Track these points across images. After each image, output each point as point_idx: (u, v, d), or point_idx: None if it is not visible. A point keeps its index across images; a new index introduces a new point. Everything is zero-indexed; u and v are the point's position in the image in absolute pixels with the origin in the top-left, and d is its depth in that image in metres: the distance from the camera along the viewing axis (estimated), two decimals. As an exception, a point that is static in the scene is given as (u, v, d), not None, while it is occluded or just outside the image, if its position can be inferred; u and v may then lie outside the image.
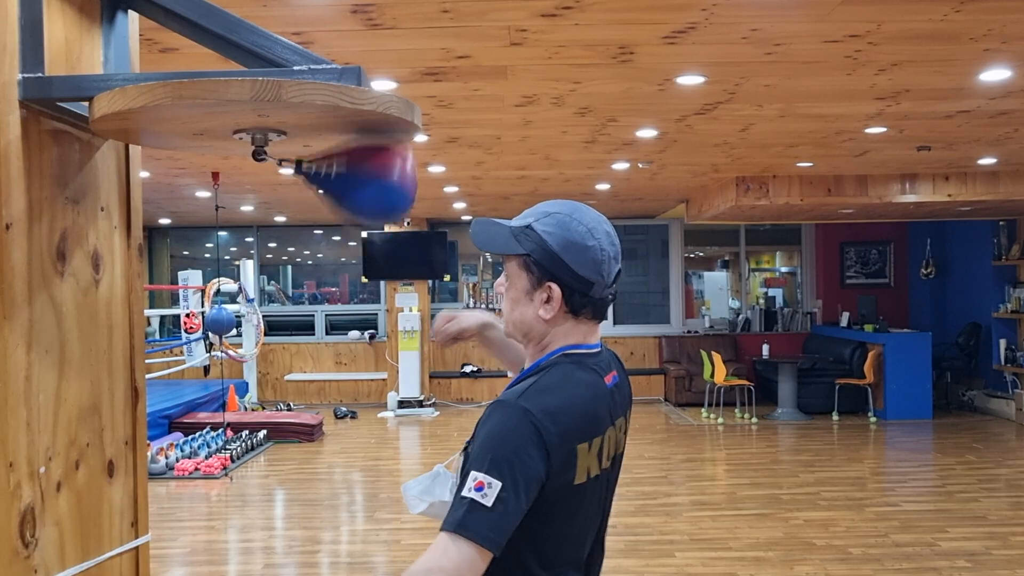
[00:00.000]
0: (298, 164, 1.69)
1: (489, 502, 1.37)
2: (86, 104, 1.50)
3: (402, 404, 11.19)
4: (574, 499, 1.52)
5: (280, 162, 1.68)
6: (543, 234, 1.56)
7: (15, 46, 1.45)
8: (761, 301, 12.91)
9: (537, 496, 1.43)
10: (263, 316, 11.07)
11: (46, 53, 1.50)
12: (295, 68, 1.51)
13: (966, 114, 5.41)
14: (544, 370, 1.55)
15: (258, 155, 1.62)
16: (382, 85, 4.38)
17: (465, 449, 1.57)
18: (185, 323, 9.99)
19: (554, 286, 1.55)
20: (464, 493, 1.39)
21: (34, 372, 1.46)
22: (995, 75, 4.45)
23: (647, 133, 5.95)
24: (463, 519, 1.37)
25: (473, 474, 1.40)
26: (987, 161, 7.37)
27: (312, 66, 1.50)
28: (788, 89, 4.71)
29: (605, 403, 1.58)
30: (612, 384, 1.62)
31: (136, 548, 1.76)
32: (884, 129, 5.84)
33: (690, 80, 4.50)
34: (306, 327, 12.58)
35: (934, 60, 4.18)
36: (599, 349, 1.64)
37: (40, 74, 1.48)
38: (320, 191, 1.70)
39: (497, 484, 1.38)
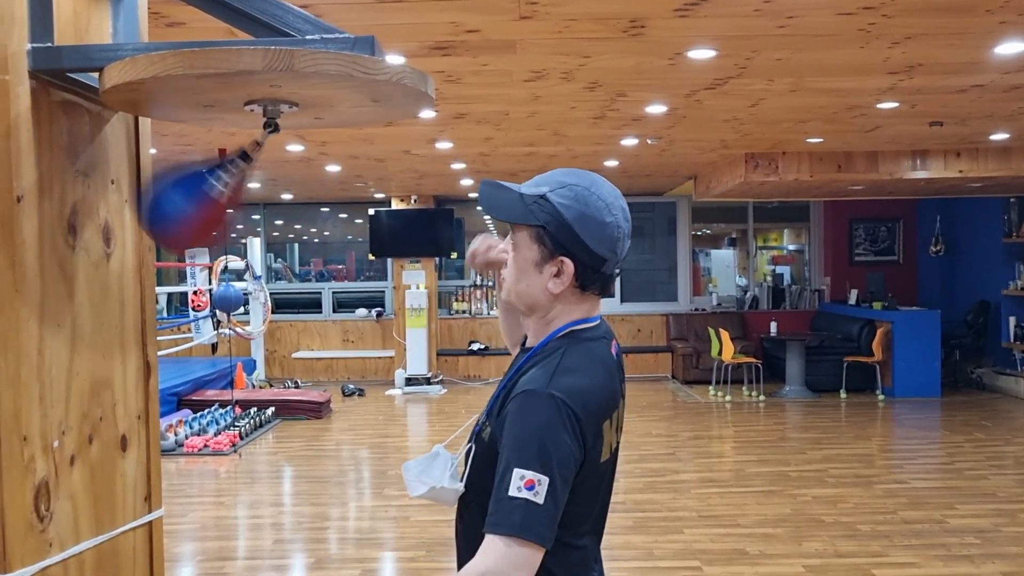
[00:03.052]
0: (246, 156, 1.62)
1: (541, 499, 1.35)
2: (96, 75, 1.48)
3: (409, 381, 11.22)
4: (598, 475, 1.52)
5: (258, 143, 1.61)
6: (559, 206, 1.49)
7: (24, 16, 1.43)
8: (769, 279, 12.87)
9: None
10: (270, 294, 11.08)
11: (55, 23, 1.48)
12: (307, 38, 1.49)
13: (979, 88, 5.35)
14: (558, 350, 1.52)
15: (269, 127, 1.60)
16: (390, 60, 4.34)
17: (477, 435, 1.56)
18: (193, 301, 10.02)
19: (567, 261, 1.50)
20: (514, 493, 1.36)
21: (46, 346, 1.45)
22: (1010, 48, 4.40)
23: (656, 108, 5.91)
24: (522, 521, 1.35)
25: (520, 472, 1.37)
26: (999, 137, 7.30)
27: (324, 36, 1.48)
28: (800, 63, 4.66)
29: (616, 377, 1.58)
30: (616, 355, 1.62)
31: (150, 522, 1.76)
32: (896, 104, 5.79)
33: (701, 54, 4.45)
34: (313, 305, 12.60)
35: (948, 33, 4.13)
36: (599, 321, 1.61)
37: (49, 44, 1.46)
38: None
39: (545, 480, 1.36)
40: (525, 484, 1.36)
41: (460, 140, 7.19)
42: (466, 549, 1.58)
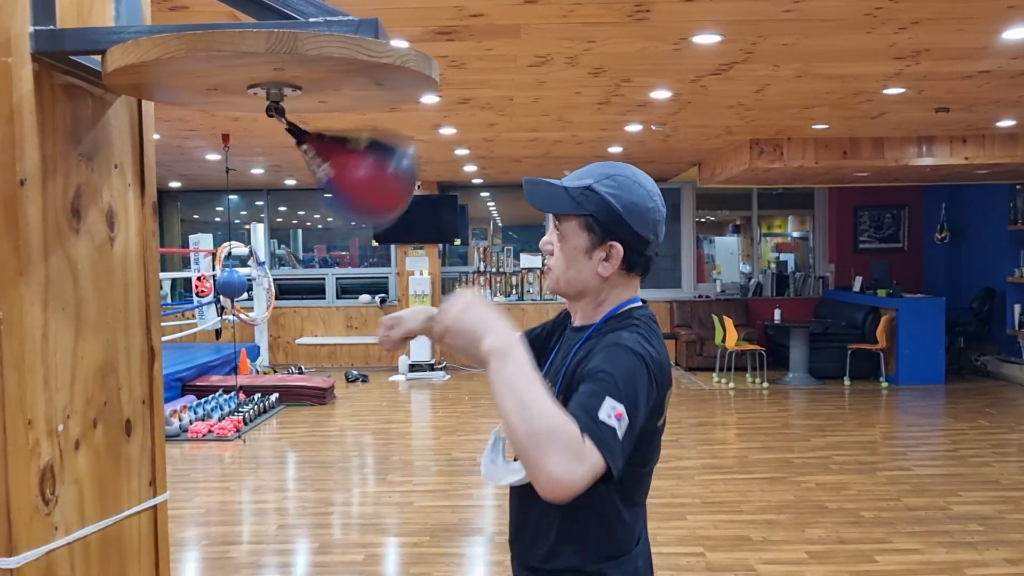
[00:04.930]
0: (299, 140, 1.68)
1: (621, 435, 1.40)
2: (98, 59, 1.47)
3: (413, 368, 11.23)
4: (655, 440, 1.65)
5: (288, 128, 1.67)
6: (607, 195, 1.62)
7: (26, -2, 1.42)
8: (773, 266, 12.85)
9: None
10: (274, 280, 11.09)
11: (57, 6, 1.47)
12: (311, 20, 1.48)
13: (986, 74, 5.32)
14: (627, 325, 1.62)
15: (272, 111, 1.60)
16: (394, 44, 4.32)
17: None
18: (196, 287, 10.02)
19: (616, 245, 1.62)
20: (604, 419, 1.38)
21: (51, 330, 1.45)
22: (1018, 33, 4.37)
23: (661, 94, 5.88)
24: (611, 443, 1.37)
25: (612, 401, 1.41)
26: (1006, 123, 7.27)
27: (328, 18, 1.46)
28: (806, 48, 4.63)
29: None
30: None
31: (154, 506, 1.76)
32: (902, 90, 5.76)
33: (706, 39, 4.43)
34: (317, 291, 12.61)
35: (956, 18, 4.11)
36: (643, 302, 1.74)
37: (52, 27, 1.45)
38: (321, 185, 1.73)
39: (627, 422, 1.42)
40: (615, 415, 1.40)
41: (464, 126, 7.17)
42: (522, 510, 1.70)
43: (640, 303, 1.72)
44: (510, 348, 1.37)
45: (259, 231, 11.19)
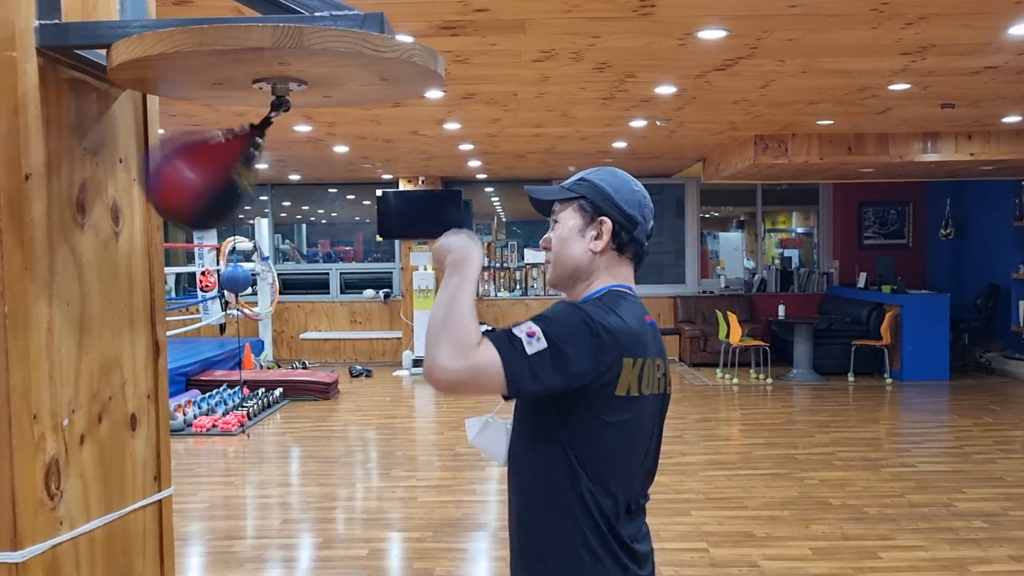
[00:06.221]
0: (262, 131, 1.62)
1: (530, 351, 1.50)
2: (103, 53, 1.47)
3: (417, 363, 11.23)
4: (616, 411, 1.62)
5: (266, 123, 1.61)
6: (597, 180, 1.78)
7: (31, -9, 1.42)
8: (777, 261, 12.83)
9: (582, 401, 1.58)
10: (278, 275, 11.09)
11: (62, 0, 1.47)
12: (316, 14, 1.47)
13: (993, 70, 5.30)
14: (597, 298, 1.70)
15: (278, 105, 1.59)
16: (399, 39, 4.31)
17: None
18: (201, 281, 10.03)
19: (606, 220, 1.73)
20: (516, 332, 1.53)
21: (56, 325, 1.45)
22: (1025, 29, 4.35)
23: (666, 90, 5.86)
24: (506, 346, 1.51)
25: (530, 324, 1.54)
26: (1012, 119, 7.24)
27: (334, 12, 1.46)
28: (811, 43, 4.62)
29: (649, 334, 1.69)
30: (652, 324, 1.74)
31: (159, 501, 1.77)
32: (908, 86, 5.74)
33: (712, 34, 4.41)
34: (321, 286, 12.61)
35: (962, 13, 4.09)
36: (637, 295, 1.77)
37: (57, 21, 1.44)
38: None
39: (543, 344, 1.51)
40: (528, 332, 1.52)
41: (468, 121, 7.15)
42: (518, 507, 1.75)
43: (629, 290, 1.75)
44: (467, 266, 1.57)
45: (263, 226, 11.20)
